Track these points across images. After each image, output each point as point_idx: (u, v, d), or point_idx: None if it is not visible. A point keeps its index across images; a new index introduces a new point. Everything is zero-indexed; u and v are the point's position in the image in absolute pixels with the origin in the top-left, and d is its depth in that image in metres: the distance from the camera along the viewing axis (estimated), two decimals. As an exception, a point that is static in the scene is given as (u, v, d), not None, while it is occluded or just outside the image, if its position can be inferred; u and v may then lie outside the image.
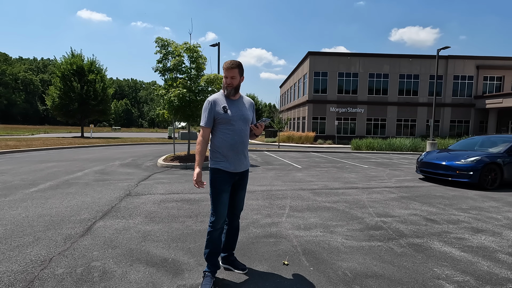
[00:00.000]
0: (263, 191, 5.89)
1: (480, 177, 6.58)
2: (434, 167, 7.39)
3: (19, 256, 2.75)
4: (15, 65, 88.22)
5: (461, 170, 6.78)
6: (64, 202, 4.71)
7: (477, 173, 6.58)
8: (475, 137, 8.74)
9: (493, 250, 3.16)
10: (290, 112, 38.26)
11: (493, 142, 7.75)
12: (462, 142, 8.71)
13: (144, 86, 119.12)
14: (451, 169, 6.96)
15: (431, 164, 7.48)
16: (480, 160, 6.69)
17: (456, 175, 6.84)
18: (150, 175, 7.54)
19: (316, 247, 3.15)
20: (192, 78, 9.95)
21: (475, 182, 6.60)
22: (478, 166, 6.61)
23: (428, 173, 7.61)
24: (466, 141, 8.65)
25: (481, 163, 6.63)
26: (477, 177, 6.57)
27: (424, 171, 7.73)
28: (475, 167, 6.62)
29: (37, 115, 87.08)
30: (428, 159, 7.74)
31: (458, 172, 6.82)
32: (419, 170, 7.99)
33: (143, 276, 2.45)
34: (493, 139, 7.94)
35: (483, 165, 6.61)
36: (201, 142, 2.35)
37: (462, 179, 6.73)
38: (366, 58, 28.20)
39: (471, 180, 6.62)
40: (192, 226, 3.73)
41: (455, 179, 6.85)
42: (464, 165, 6.78)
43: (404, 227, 3.86)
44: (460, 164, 6.85)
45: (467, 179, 6.66)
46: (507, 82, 28.68)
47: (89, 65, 27.69)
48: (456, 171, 6.86)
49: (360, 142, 19.12)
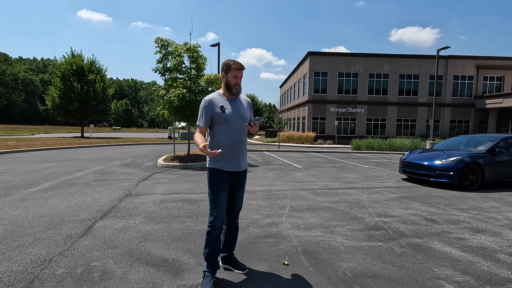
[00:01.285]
0: (263, 191, 5.89)
1: (460, 177, 6.44)
2: (416, 167, 7.21)
3: (19, 256, 2.75)
4: (15, 65, 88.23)
5: (442, 170, 6.62)
6: (64, 202, 4.71)
7: (457, 173, 6.43)
8: (461, 136, 8.55)
9: (493, 250, 3.16)
10: (290, 112, 38.26)
11: (478, 141, 7.55)
12: (447, 141, 8.52)
13: (144, 86, 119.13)
14: (431, 169, 6.79)
15: (413, 164, 7.30)
16: (461, 160, 6.54)
17: (437, 175, 6.68)
18: (150, 175, 7.54)
19: (316, 247, 3.15)
20: (192, 78, 9.95)
21: (455, 182, 6.46)
22: (458, 166, 6.46)
23: (410, 174, 7.43)
24: (451, 141, 8.46)
25: (462, 163, 6.48)
26: (457, 177, 6.43)
27: (407, 171, 7.54)
28: (455, 167, 6.48)
29: (37, 115, 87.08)
30: (410, 159, 7.56)
31: (438, 172, 6.66)
32: (401, 170, 7.81)
33: (143, 276, 2.45)
34: (477, 139, 7.74)
35: (463, 165, 6.46)
36: (198, 134, 2.32)
37: (442, 179, 6.58)
38: (366, 58, 28.20)
39: (451, 180, 6.48)
40: (192, 226, 3.73)
41: (436, 180, 6.69)
42: (444, 165, 6.63)
43: (404, 227, 3.86)
44: (441, 164, 6.70)
45: (447, 180, 6.52)
46: (507, 82, 28.68)
47: (89, 65, 27.68)
48: (436, 171, 6.69)
49: (360, 142, 19.12)
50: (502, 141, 7.07)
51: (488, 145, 7.02)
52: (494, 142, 7.02)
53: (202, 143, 2.20)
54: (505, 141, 7.11)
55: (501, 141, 7.06)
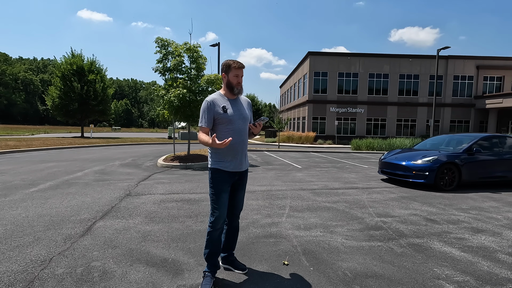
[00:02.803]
0: (263, 191, 5.89)
1: (436, 177, 6.28)
2: (393, 167, 7.03)
3: (19, 256, 2.75)
4: (15, 65, 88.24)
5: (417, 170, 6.46)
6: (64, 202, 4.71)
7: (433, 173, 6.27)
8: (443, 136, 8.35)
9: (493, 250, 3.16)
10: (290, 112, 38.26)
11: (459, 140, 7.31)
12: (429, 140, 8.30)
13: (144, 86, 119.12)
14: (408, 169, 6.63)
15: (391, 164, 7.11)
16: (436, 160, 6.38)
17: (413, 175, 6.52)
18: (150, 175, 7.54)
19: (316, 247, 3.15)
20: (192, 78, 9.95)
21: (431, 183, 6.32)
22: (434, 166, 6.30)
23: (388, 174, 7.25)
24: (432, 140, 8.24)
25: (437, 163, 6.32)
26: (433, 177, 6.27)
27: (385, 172, 7.35)
28: (431, 167, 6.32)
29: (37, 115, 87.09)
30: (388, 159, 7.36)
31: (414, 173, 6.49)
32: (380, 170, 7.60)
33: (143, 276, 2.45)
34: (459, 138, 7.51)
35: (439, 165, 6.30)
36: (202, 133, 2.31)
37: (418, 179, 6.42)
38: (366, 58, 28.19)
39: (426, 180, 6.33)
40: (192, 226, 3.73)
41: (412, 180, 6.53)
42: (420, 165, 6.47)
43: (404, 227, 3.86)
44: (416, 164, 6.53)
45: (423, 180, 6.36)
46: (507, 82, 28.67)
47: (89, 65, 27.68)
48: (412, 171, 6.53)
49: (360, 142, 19.12)
50: (481, 141, 6.90)
51: (466, 145, 6.84)
52: (471, 142, 6.85)
53: (209, 139, 2.19)
54: (484, 141, 6.96)
55: (480, 141, 6.89)
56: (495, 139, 7.13)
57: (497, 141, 7.11)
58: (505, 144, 7.10)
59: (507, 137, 7.24)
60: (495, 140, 7.11)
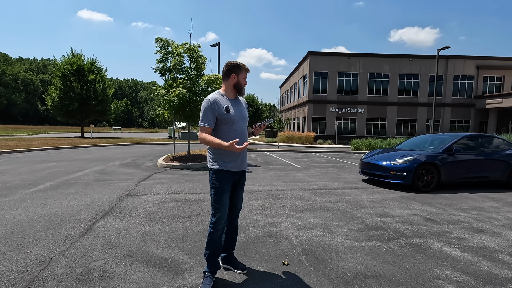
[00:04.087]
0: (263, 191, 5.89)
1: (414, 178, 6.14)
2: (372, 167, 6.87)
3: (19, 256, 2.74)
4: (15, 65, 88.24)
5: (395, 170, 6.31)
6: (64, 202, 4.71)
7: (411, 174, 6.13)
8: (426, 135, 8.06)
9: (493, 250, 3.16)
10: (290, 112, 38.25)
11: (442, 140, 7.03)
12: (412, 140, 8.08)
13: (144, 86, 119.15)
14: (386, 170, 6.47)
15: (370, 164, 6.95)
16: (414, 160, 6.23)
17: (391, 176, 6.38)
18: (150, 175, 7.54)
19: (316, 247, 3.15)
20: (192, 78, 9.95)
21: (409, 183, 6.18)
22: (411, 167, 6.16)
23: (368, 174, 7.08)
24: (415, 139, 8.01)
25: (415, 164, 6.17)
26: (410, 178, 6.14)
27: (365, 172, 7.20)
28: (409, 167, 6.17)
29: (37, 115, 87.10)
30: (368, 159, 7.20)
31: (392, 173, 6.35)
32: (361, 171, 7.43)
33: (143, 276, 2.45)
34: (442, 137, 7.24)
35: (417, 165, 6.15)
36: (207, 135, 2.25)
37: (396, 180, 6.29)
38: (366, 58, 28.19)
39: (404, 181, 6.19)
40: (192, 226, 3.73)
41: (390, 181, 6.38)
42: (398, 165, 6.33)
43: (404, 227, 3.86)
44: (395, 165, 6.39)
45: (401, 181, 6.22)
46: (507, 82, 28.67)
47: (89, 65, 27.69)
48: (391, 172, 6.39)
49: (360, 142, 19.11)
50: (461, 140, 6.75)
51: (445, 144, 6.67)
52: (451, 141, 6.67)
53: (222, 141, 2.16)
54: (465, 140, 6.80)
55: (460, 140, 6.74)
56: (476, 139, 6.95)
57: (478, 140, 6.93)
58: (487, 144, 6.93)
59: (488, 137, 7.07)
60: (476, 140, 6.94)
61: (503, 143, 7.07)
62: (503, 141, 7.11)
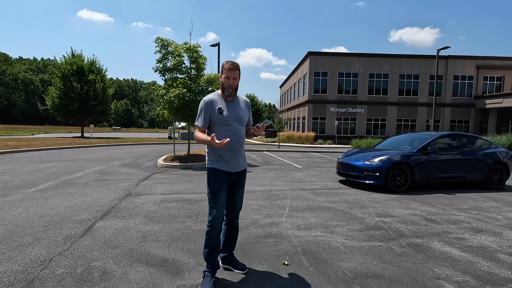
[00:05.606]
0: (263, 191, 5.89)
1: (387, 178, 6.00)
2: (348, 168, 6.69)
3: (19, 256, 2.74)
4: (15, 65, 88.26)
5: (369, 171, 6.16)
6: (64, 202, 4.71)
7: (383, 174, 5.99)
8: (406, 134, 7.80)
9: (493, 250, 3.16)
10: (290, 112, 38.25)
11: (421, 139, 6.81)
12: (391, 139, 7.84)
13: (144, 86, 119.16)
14: (360, 170, 6.31)
15: (346, 164, 6.78)
16: (387, 160, 6.07)
17: (364, 176, 6.23)
18: (150, 175, 7.54)
19: (316, 247, 3.15)
20: (192, 78, 9.95)
21: (381, 184, 6.04)
22: (384, 167, 6.00)
23: (344, 175, 6.90)
24: (395, 139, 7.77)
25: (388, 163, 6.02)
26: (383, 178, 5.99)
27: (341, 173, 7.00)
28: (382, 167, 6.02)
29: (37, 115, 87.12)
30: (343, 159, 7.04)
31: (365, 174, 6.20)
32: (337, 171, 7.24)
33: (143, 276, 2.45)
34: (421, 137, 7.01)
35: (390, 165, 6.00)
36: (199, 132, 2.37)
37: (369, 180, 6.13)
38: (366, 58, 28.19)
39: (377, 182, 6.04)
40: (192, 226, 3.73)
41: (364, 181, 6.22)
42: (371, 165, 6.17)
43: (404, 227, 3.86)
44: (368, 165, 6.23)
45: (374, 181, 6.08)
46: (507, 82, 28.67)
47: (89, 65, 27.69)
48: (364, 172, 6.23)
49: (360, 142, 19.08)
50: (438, 140, 6.60)
51: (420, 144, 6.52)
52: (426, 141, 6.52)
53: (207, 137, 2.23)
54: (441, 139, 6.64)
55: (437, 140, 6.59)
56: (453, 138, 6.80)
57: (456, 140, 6.77)
58: (465, 143, 6.78)
59: (467, 136, 6.94)
60: (453, 139, 6.78)
61: (482, 142, 6.93)
62: (483, 140, 6.97)
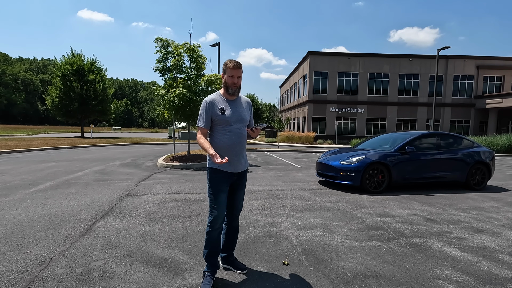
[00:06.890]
0: (263, 191, 5.89)
1: (362, 179, 5.89)
2: (325, 168, 6.56)
3: (19, 256, 2.74)
4: (15, 65, 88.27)
5: (344, 171, 6.05)
6: (64, 202, 4.71)
7: (359, 174, 5.88)
8: (388, 134, 7.60)
9: (493, 250, 3.16)
10: (290, 112, 38.26)
11: (399, 139, 6.67)
12: (373, 139, 7.65)
13: (144, 86, 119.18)
14: (336, 170, 6.19)
15: (323, 165, 6.64)
16: (363, 160, 5.97)
17: (340, 177, 6.11)
18: (150, 175, 7.54)
19: (316, 247, 3.15)
20: (192, 78, 9.95)
21: (357, 184, 5.93)
22: (360, 167, 5.90)
23: (322, 175, 6.78)
24: (376, 139, 7.59)
25: (364, 164, 5.92)
26: (359, 179, 5.88)
27: (320, 173, 6.87)
28: (357, 167, 5.91)
29: (37, 115, 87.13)
30: (321, 159, 6.89)
31: (341, 174, 6.09)
32: (316, 172, 7.13)
33: (143, 276, 2.45)
34: (400, 136, 6.88)
35: (366, 165, 5.89)
36: (201, 137, 2.35)
37: (345, 181, 6.02)
38: (366, 58, 28.20)
39: (353, 182, 5.94)
40: (192, 226, 3.73)
41: (340, 182, 6.11)
42: (347, 165, 6.06)
43: (404, 227, 3.86)
44: (344, 165, 6.12)
45: (349, 181, 5.97)
46: (507, 82, 28.68)
47: (89, 65, 27.68)
48: (340, 172, 6.12)
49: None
50: (416, 139, 6.49)
51: (398, 144, 6.41)
52: (404, 141, 6.41)
53: (210, 148, 2.22)
54: (420, 139, 6.53)
55: (415, 139, 6.48)
56: (433, 138, 6.68)
57: (435, 139, 6.65)
58: (445, 143, 6.67)
59: (447, 135, 6.85)
60: (433, 139, 6.66)
61: (464, 142, 6.85)
62: (464, 139, 6.88)
